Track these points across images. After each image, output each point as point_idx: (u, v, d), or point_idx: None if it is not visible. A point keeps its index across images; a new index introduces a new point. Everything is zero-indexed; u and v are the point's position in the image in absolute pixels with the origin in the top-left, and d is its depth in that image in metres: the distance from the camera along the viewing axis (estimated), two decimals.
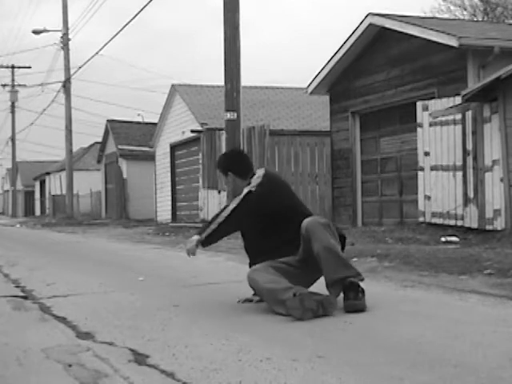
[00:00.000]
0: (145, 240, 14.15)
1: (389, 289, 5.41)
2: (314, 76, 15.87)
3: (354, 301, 4.24)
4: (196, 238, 4.56)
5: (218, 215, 4.59)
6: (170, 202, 24.29)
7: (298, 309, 4.05)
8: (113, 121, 30.75)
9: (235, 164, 4.83)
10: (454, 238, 9.52)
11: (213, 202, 18.56)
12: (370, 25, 14.11)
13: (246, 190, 4.57)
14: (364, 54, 14.82)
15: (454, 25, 15.07)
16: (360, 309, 4.22)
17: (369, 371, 2.95)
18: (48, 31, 31.49)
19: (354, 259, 7.31)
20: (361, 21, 14.29)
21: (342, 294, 4.36)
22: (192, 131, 20.58)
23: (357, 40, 14.55)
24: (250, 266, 4.69)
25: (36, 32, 31.72)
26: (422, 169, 11.48)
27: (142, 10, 19.33)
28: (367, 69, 14.72)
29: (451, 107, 10.52)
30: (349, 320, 4.06)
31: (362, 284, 4.36)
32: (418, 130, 11.64)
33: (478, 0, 31.31)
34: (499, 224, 9.69)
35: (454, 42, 11.62)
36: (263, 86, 24.59)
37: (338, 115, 15.78)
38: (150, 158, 26.68)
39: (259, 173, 4.69)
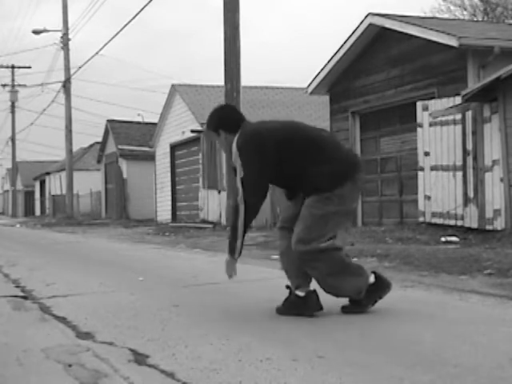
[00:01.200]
0: (145, 240, 14.15)
1: None
2: (314, 76, 15.87)
3: (351, 305, 4.33)
4: (232, 259, 4.46)
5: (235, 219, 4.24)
6: (170, 202, 24.30)
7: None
8: (113, 121, 30.75)
9: (224, 119, 4.42)
10: (453, 238, 9.52)
11: (213, 202, 18.56)
12: (370, 25, 14.11)
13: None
14: (364, 54, 14.82)
15: (454, 25, 15.07)
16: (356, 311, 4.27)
17: (369, 371, 2.95)
18: (48, 31, 31.53)
19: (354, 259, 7.31)
20: (361, 21, 14.29)
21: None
22: (192, 131, 20.59)
23: (357, 40, 14.55)
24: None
25: (36, 32, 31.74)
26: (422, 169, 11.48)
27: (142, 9, 19.38)
28: (367, 69, 14.72)
29: (451, 107, 10.52)
30: (349, 320, 4.07)
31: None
32: (418, 130, 11.64)
33: (478, 0, 31.32)
34: (499, 224, 9.69)
35: (454, 42, 11.62)
36: (263, 85, 24.60)
37: (338, 115, 15.78)
38: (150, 158, 26.68)
39: (236, 139, 4.26)
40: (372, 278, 4.24)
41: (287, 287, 4.35)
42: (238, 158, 4.17)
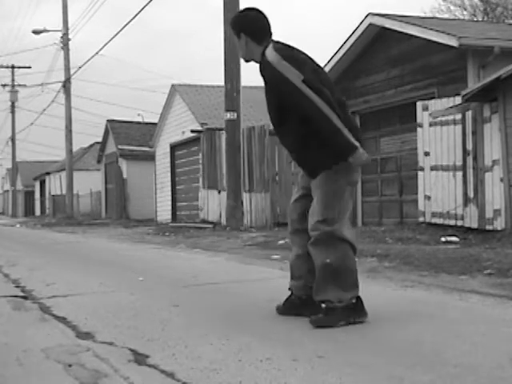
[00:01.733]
0: (145, 240, 14.15)
1: (389, 289, 5.41)
2: None
3: (322, 316, 3.95)
4: (358, 150, 3.86)
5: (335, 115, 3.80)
6: (170, 202, 24.30)
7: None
8: (113, 121, 30.76)
9: (250, 23, 4.10)
10: (453, 238, 9.52)
11: (213, 202, 18.56)
12: (370, 25, 14.12)
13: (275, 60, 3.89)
14: (364, 54, 14.82)
15: (454, 25, 15.08)
16: (326, 325, 3.88)
17: (369, 371, 2.95)
18: (48, 31, 31.57)
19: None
20: (361, 21, 14.30)
21: None
22: (192, 131, 20.59)
23: (357, 40, 14.56)
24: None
25: (36, 32, 31.76)
26: (422, 169, 11.49)
27: (142, 9, 19.41)
28: (367, 69, 14.72)
29: (451, 107, 10.52)
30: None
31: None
32: (418, 130, 11.64)
33: (478, 0, 31.32)
34: (499, 224, 9.69)
35: (454, 42, 11.62)
36: (263, 86, 24.56)
37: None
38: (150, 158, 26.69)
39: (270, 52, 3.97)
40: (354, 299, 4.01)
41: (290, 289, 4.33)
42: (290, 68, 3.84)
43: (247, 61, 4.26)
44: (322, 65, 4.33)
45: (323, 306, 3.95)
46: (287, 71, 3.87)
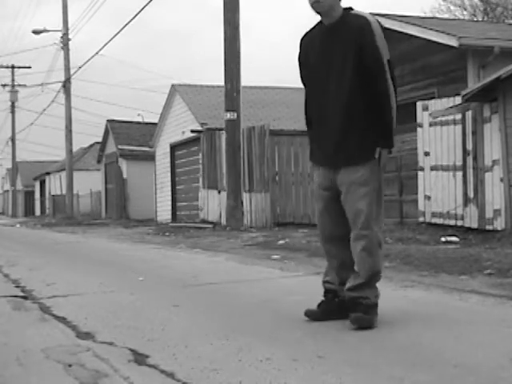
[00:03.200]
0: (145, 240, 14.14)
1: (389, 289, 5.41)
2: None
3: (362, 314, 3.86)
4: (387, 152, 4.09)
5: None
6: (170, 202, 24.29)
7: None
8: (113, 121, 30.75)
9: None
10: (453, 238, 9.52)
11: (213, 202, 18.57)
12: None
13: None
14: None
15: (454, 25, 15.08)
16: (367, 325, 3.82)
17: (369, 371, 2.95)
18: (48, 31, 31.56)
19: None
20: None
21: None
22: (192, 131, 20.58)
23: None
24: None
25: (36, 32, 31.76)
26: (422, 169, 11.48)
27: (142, 9, 19.44)
28: None
29: (451, 107, 10.52)
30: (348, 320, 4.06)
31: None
32: (418, 130, 11.64)
33: (478, 0, 31.32)
34: (499, 224, 9.69)
35: (454, 42, 11.62)
36: (263, 86, 24.58)
37: None
38: (150, 158, 26.68)
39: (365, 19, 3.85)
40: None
41: (328, 292, 4.16)
42: (385, 44, 3.83)
43: (318, 12, 3.95)
44: None
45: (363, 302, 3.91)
46: (383, 46, 3.84)
